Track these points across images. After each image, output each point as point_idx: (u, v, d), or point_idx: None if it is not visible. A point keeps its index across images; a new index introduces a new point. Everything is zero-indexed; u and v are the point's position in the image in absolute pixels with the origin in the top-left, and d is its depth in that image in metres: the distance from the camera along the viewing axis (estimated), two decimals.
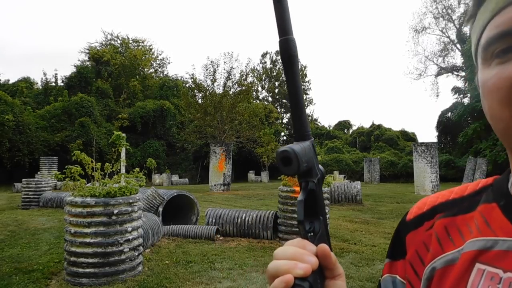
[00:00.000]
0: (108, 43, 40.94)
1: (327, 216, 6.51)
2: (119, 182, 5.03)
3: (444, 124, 33.27)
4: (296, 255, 0.41)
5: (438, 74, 35.52)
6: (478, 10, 0.46)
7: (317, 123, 49.16)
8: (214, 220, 7.04)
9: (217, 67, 26.67)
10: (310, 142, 0.44)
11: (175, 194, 7.60)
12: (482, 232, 0.47)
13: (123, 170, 7.11)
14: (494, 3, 0.42)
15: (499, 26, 0.41)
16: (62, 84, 34.97)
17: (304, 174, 0.44)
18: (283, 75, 49.41)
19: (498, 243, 0.45)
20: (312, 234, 0.45)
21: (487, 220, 0.48)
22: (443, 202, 0.56)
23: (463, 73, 31.92)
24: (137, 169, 5.61)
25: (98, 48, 38.64)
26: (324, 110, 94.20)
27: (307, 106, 50.73)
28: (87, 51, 38.63)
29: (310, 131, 0.46)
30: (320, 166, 0.46)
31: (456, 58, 35.72)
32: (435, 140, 32.85)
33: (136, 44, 42.80)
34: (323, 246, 0.43)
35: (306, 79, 50.31)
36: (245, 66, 43.22)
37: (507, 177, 0.51)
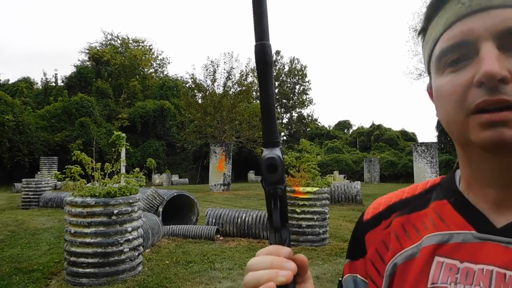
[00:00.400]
0: (108, 43, 40.95)
1: (327, 216, 6.52)
2: (119, 182, 5.03)
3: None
4: (274, 263, 0.42)
5: None
6: (429, 24, 0.51)
7: (317, 123, 49.13)
8: (214, 220, 7.04)
9: (217, 67, 26.70)
10: (280, 149, 0.44)
11: (175, 194, 7.60)
12: (437, 227, 0.51)
13: (123, 170, 7.11)
14: (445, 18, 0.47)
15: (451, 39, 0.46)
16: (62, 84, 34.98)
17: (277, 181, 0.43)
18: (283, 75, 49.46)
19: (453, 236, 0.49)
20: (286, 241, 0.45)
21: (441, 216, 0.52)
22: (397, 202, 0.59)
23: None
24: (137, 169, 5.61)
25: (98, 48, 38.64)
26: (324, 110, 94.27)
27: (307, 106, 50.82)
28: (87, 51, 38.64)
29: (279, 138, 0.45)
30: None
31: None
32: (435, 140, 32.83)
33: (136, 44, 42.81)
34: (302, 256, 0.44)
35: (306, 79, 50.27)
36: (245, 66, 43.18)
37: (453, 175, 0.56)
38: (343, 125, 46.37)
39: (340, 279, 0.64)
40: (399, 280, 0.52)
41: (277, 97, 49.63)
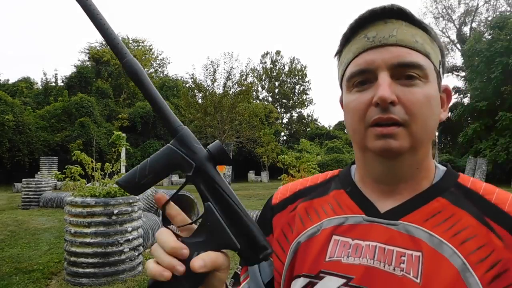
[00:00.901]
0: None
1: None
2: None
3: (444, 124, 33.28)
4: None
5: None
6: (343, 49, 0.63)
7: (317, 123, 49.11)
8: None
9: (217, 67, 26.70)
10: (184, 131, 0.47)
11: None
12: (336, 212, 0.63)
13: (123, 170, 7.12)
14: (355, 47, 0.59)
15: (358, 65, 0.58)
16: (62, 84, 34.97)
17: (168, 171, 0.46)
18: (283, 75, 49.47)
19: (348, 219, 0.61)
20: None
21: (339, 202, 0.64)
22: (302, 189, 0.71)
23: (463, 73, 31.93)
24: None
25: (98, 48, 38.62)
26: (324, 110, 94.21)
27: (307, 106, 50.80)
28: (87, 51, 38.63)
29: (179, 124, 0.48)
30: (200, 149, 0.47)
31: (456, 58, 35.82)
32: (435, 140, 32.81)
33: (136, 44, 42.82)
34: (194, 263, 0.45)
35: (306, 79, 50.26)
36: (245, 66, 43.23)
37: (349, 170, 0.70)
38: (343, 125, 46.22)
39: None
40: (302, 255, 0.62)
41: (277, 97, 49.65)
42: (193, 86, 27.39)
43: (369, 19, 0.58)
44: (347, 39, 0.61)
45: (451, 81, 36.78)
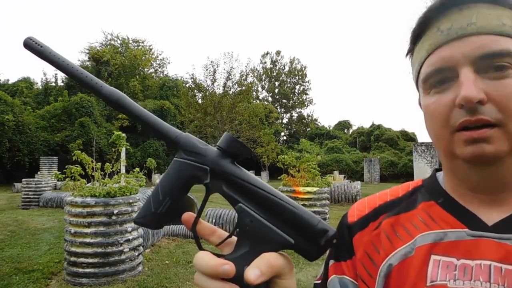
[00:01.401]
0: (108, 43, 40.97)
1: (327, 216, 6.52)
2: (119, 182, 5.03)
3: None
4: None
5: None
6: (414, 47, 0.57)
7: (317, 123, 49.11)
8: (214, 220, 7.04)
9: (217, 67, 26.74)
10: (184, 138, 0.42)
11: None
12: (429, 226, 0.54)
13: (123, 170, 7.11)
14: (428, 44, 0.53)
15: (433, 64, 0.51)
16: (62, 84, 34.97)
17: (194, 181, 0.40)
18: (283, 75, 49.48)
19: (447, 234, 0.52)
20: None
21: (431, 215, 0.55)
22: (383, 204, 0.62)
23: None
24: (137, 169, 5.62)
25: (98, 48, 38.63)
26: (324, 110, 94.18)
27: (307, 106, 50.78)
28: (87, 51, 38.61)
29: (178, 133, 0.43)
30: (213, 151, 0.41)
31: None
32: None
33: (136, 44, 42.82)
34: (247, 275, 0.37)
35: (306, 79, 50.27)
36: (245, 66, 43.23)
37: (436, 178, 0.60)
38: (343, 125, 46.36)
39: (317, 281, 0.64)
40: (396, 280, 0.53)
41: (277, 97, 49.65)
42: (193, 86, 27.41)
43: (441, 9, 0.51)
44: (417, 35, 0.55)
45: None
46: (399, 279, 0.52)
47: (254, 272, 0.35)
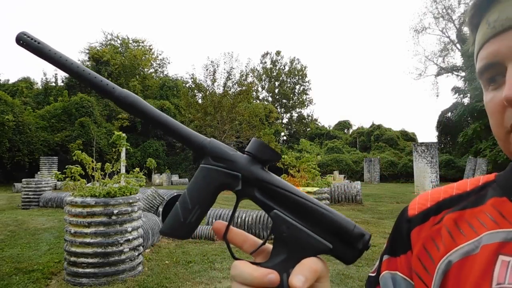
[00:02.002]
0: (108, 43, 40.97)
1: None
2: (119, 182, 5.03)
3: (444, 124, 33.29)
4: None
5: (438, 74, 35.53)
6: (474, 41, 0.53)
7: (317, 123, 49.12)
8: (214, 220, 7.03)
9: (217, 67, 26.70)
10: (211, 144, 0.41)
11: (175, 194, 7.61)
12: (499, 225, 0.48)
13: (123, 170, 7.11)
14: (479, 38, 0.50)
15: (483, 60, 0.48)
16: (62, 84, 34.99)
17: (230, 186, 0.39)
18: (283, 75, 49.48)
19: None
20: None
21: (502, 213, 0.49)
22: (448, 198, 0.57)
23: (463, 73, 31.90)
24: (137, 169, 5.62)
25: (98, 48, 38.63)
26: (324, 110, 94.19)
27: (307, 106, 50.79)
28: (87, 51, 38.62)
29: (203, 139, 0.41)
30: (240, 158, 0.40)
31: (456, 58, 35.74)
32: (435, 140, 32.88)
33: (136, 44, 42.82)
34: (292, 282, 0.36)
35: (306, 79, 50.27)
36: (245, 66, 43.23)
37: (510, 172, 0.54)
38: (343, 125, 46.36)
39: (371, 274, 0.61)
40: (455, 278, 0.49)
41: (277, 97, 49.65)
42: (193, 86, 27.41)
43: None
44: (473, 27, 0.52)
45: (451, 81, 36.76)
46: (459, 277, 0.49)
47: (299, 279, 0.35)
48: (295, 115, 49.74)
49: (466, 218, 0.53)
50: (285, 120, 49.13)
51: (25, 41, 0.43)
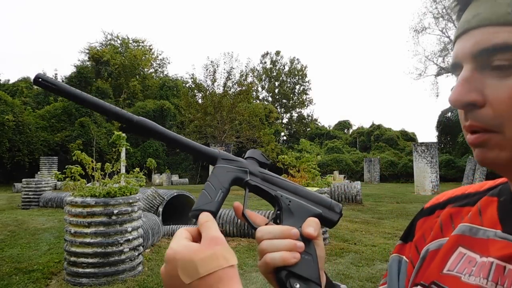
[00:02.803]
0: (108, 43, 40.96)
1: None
2: (119, 182, 5.03)
3: (444, 124, 33.30)
4: (288, 245, 0.48)
5: (438, 74, 35.52)
6: None
7: (317, 123, 49.11)
8: (216, 218, 7.03)
9: (217, 67, 26.68)
10: (222, 153, 0.54)
11: (175, 194, 7.60)
12: (471, 220, 0.52)
13: (123, 170, 7.11)
14: (456, 31, 0.49)
15: (452, 58, 0.48)
16: None
17: (235, 181, 0.53)
18: (283, 75, 49.48)
19: (479, 231, 0.50)
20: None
21: (481, 210, 0.52)
22: (458, 195, 0.60)
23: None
24: (137, 169, 5.61)
25: (98, 48, 38.63)
26: (324, 110, 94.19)
27: (307, 106, 50.78)
28: (87, 51, 38.62)
29: (216, 150, 0.54)
30: (247, 161, 0.55)
31: None
32: (435, 140, 32.86)
33: (136, 44, 42.81)
34: (308, 232, 0.49)
35: (306, 79, 50.27)
36: (245, 66, 43.20)
37: None
38: (343, 125, 46.36)
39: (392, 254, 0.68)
40: (427, 264, 0.55)
41: (277, 97, 49.65)
42: (193, 86, 27.40)
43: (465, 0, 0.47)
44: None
45: (451, 81, 36.76)
46: (428, 263, 0.54)
47: (310, 228, 0.48)
48: (295, 115, 49.74)
49: (462, 214, 0.56)
50: (285, 120, 49.13)
51: (41, 85, 0.51)
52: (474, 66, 0.44)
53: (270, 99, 49.56)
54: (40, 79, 0.50)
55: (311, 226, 0.49)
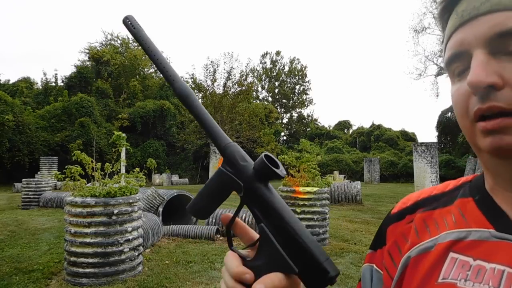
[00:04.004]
0: (108, 43, 40.95)
1: (327, 216, 6.52)
2: (119, 182, 5.03)
3: (444, 124, 33.30)
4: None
5: (438, 74, 35.46)
6: (444, 35, 0.52)
7: (317, 123, 49.13)
8: (214, 220, 7.04)
9: (217, 67, 26.73)
10: (230, 149, 0.46)
11: (175, 194, 7.60)
12: (457, 224, 0.51)
13: (123, 170, 7.11)
14: (448, 28, 0.49)
15: (449, 50, 0.48)
16: (62, 84, 34.97)
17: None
18: (283, 75, 49.48)
19: (471, 233, 0.49)
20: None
21: (463, 213, 0.52)
22: (425, 198, 0.60)
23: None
24: (137, 169, 5.61)
25: (98, 48, 38.62)
26: (324, 110, 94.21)
27: (307, 106, 50.82)
28: (87, 51, 38.61)
29: (227, 142, 0.47)
30: (247, 171, 0.45)
31: None
32: (435, 140, 32.88)
33: (136, 44, 42.76)
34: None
35: (306, 79, 50.28)
36: (245, 66, 43.21)
37: (483, 174, 0.55)
38: (343, 125, 46.37)
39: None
40: (410, 272, 0.52)
41: (277, 97, 49.65)
42: (193, 86, 27.41)
43: None
44: (444, 22, 0.51)
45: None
46: (414, 271, 0.52)
47: (259, 286, 0.41)
48: (295, 115, 49.75)
49: (434, 218, 0.55)
50: (285, 120, 49.15)
51: (126, 25, 0.51)
52: (487, 51, 0.44)
53: (270, 99, 49.57)
54: (128, 21, 0.50)
55: (264, 283, 0.41)
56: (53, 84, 35.28)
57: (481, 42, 0.44)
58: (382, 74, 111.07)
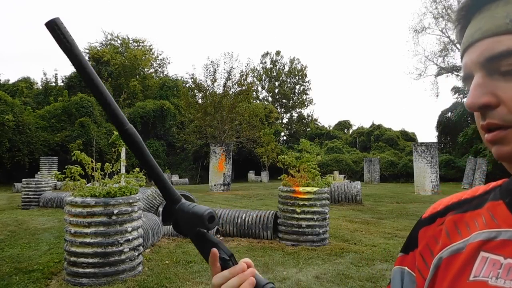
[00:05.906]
0: (108, 43, 40.98)
1: (327, 216, 6.53)
2: (119, 182, 5.03)
3: (444, 124, 33.31)
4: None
5: (438, 74, 35.46)
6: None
7: (317, 123, 49.11)
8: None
9: (217, 67, 26.64)
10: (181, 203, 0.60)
11: None
12: (488, 225, 0.53)
13: (123, 170, 7.11)
14: (462, 44, 0.53)
15: (462, 71, 0.53)
16: (62, 84, 34.99)
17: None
18: (283, 75, 49.44)
19: (501, 233, 0.51)
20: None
21: (493, 215, 0.54)
22: (456, 202, 0.63)
23: (463, 73, 31.88)
24: (137, 169, 5.61)
25: (98, 48, 38.66)
26: (324, 110, 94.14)
27: (307, 106, 50.79)
28: (87, 51, 38.62)
29: (178, 194, 0.60)
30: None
31: (456, 58, 35.65)
32: (435, 140, 32.88)
33: (136, 44, 42.82)
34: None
35: (306, 79, 50.27)
36: (245, 66, 43.18)
37: None
38: (343, 125, 46.36)
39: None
40: (443, 272, 0.55)
41: (277, 97, 49.63)
42: (193, 86, 27.38)
43: (467, 14, 0.52)
44: (462, 27, 0.55)
45: (451, 81, 36.74)
46: (445, 271, 0.55)
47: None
48: (295, 115, 49.74)
49: (465, 220, 0.57)
50: (285, 120, 49.13)
51: (54, 33, 0.44)
52: (484, 73, 0.49)
53: (270, 99, 49.56)
54: (55, 26, 0.41)
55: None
56: (53, 84, 35.29)
57: (477, 66, 0.49)
58: (382, 74, 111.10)
